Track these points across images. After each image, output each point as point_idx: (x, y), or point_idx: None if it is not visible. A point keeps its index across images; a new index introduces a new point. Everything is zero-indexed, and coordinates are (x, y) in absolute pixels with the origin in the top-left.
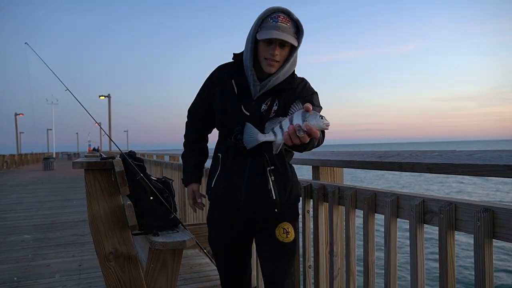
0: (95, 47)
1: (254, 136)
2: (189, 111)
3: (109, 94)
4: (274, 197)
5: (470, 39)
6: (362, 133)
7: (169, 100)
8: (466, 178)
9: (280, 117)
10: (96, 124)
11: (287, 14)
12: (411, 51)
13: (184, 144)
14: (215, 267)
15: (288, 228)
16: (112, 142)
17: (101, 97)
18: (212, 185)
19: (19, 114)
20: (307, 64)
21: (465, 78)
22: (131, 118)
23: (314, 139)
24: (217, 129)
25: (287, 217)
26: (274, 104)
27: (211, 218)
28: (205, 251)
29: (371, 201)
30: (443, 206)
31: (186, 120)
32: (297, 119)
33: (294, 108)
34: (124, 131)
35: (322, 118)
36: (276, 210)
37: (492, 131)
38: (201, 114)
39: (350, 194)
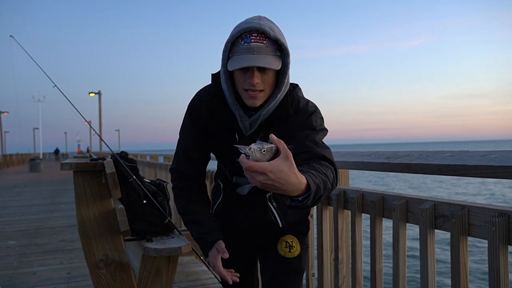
0: (85, 42)
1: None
2: (174, 169)
3: (99, 91)
4: (281, 225)
5: (483, 32)
6: (368, 133)
7: (164, 98)
8: None
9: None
10: (86, 123)
11: (262, 32)
12: (419, 45)
13: (183, 211)
14: (212, 276)
15: (292, 242)
16: (102, 142)
17: (91, 94)
18: (215, 210)
19: (3, 112)
20: (307, 59)
21: (478, 74)
22: (123, 116)
23: (322, 182)
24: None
25: (293, 229)
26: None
27: None
28: (201, 258)
29: (379, 205)
30: (455, 210)
31: (171, 179)
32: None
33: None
34: (116, 130)
35: (260, 144)
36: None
37: (508, 130)
38: (191, 170)
39: (356, 197)
